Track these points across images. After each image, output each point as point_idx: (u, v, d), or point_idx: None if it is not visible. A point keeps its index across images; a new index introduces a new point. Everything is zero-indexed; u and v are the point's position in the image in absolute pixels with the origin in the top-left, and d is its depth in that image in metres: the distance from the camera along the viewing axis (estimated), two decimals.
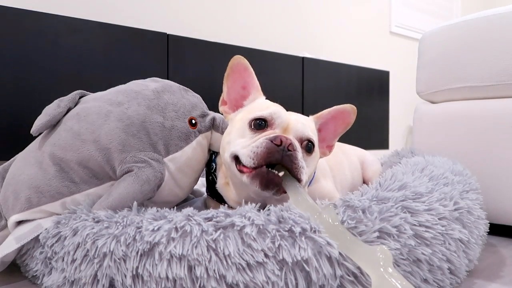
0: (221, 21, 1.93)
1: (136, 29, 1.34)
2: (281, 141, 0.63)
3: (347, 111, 0.77)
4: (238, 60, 0.73)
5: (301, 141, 0.69)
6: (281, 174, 0.64)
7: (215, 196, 0.80)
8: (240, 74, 0.75)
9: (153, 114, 0.75)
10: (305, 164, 0.66)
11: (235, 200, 0.74)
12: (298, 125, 0.70)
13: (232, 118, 0.76)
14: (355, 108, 0.77)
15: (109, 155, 0.70)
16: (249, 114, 0.71)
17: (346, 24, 2.59)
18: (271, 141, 0.63)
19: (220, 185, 0.77)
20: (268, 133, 0.67)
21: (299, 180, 0.64)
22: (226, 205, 0.76)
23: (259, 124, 0.68)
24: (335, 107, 0.77)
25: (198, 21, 1.84)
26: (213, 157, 0.82)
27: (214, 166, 0.81)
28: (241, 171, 0.65)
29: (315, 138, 0.72)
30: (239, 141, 0.68)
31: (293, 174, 0.64)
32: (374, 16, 2.79)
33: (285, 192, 0.64)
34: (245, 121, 0.70)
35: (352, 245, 0.53)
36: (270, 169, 0.64)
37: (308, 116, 0.79)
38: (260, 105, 0.74)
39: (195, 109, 0.81)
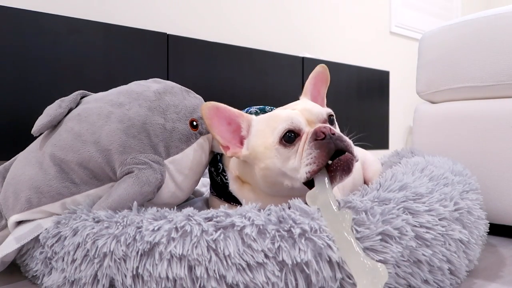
0: (221, 21, 1.93)
1: (136, 29, 1.34)
2: (323, 133, 0.64)
3: (320, 72, 0.82)
4: (207, 107, 0.71)
5: (326, 121, 0.71)
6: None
7: (223, 196, 0.80)
8: (217, 117, 0.73)
9: (154, 116, 0.75)
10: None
11: (254, 202, 0.73)
12: (314, 110, 0.70)
13: (247, 153, 0.72)
14: (324, 65, 0.81)
15: (110, 157, 0.70)
16: (268, 139, 0.69)
17: (346, 24, 2.59)
18: (316, 140, 0.64)
19: (234, 189, 0.77)
20: (305, 137, 0.66)
21: (354, 155, 0.65)
22: (227, 204, 0.76)
23: (289, 137, 0.67)
24: (309, 76, 0.82)
25: (198, 21, 1.84)
26: (219, 158, 0.82)
27: (221, 167, 0.80)
28: None
29: (331, 110, 0.74)
30: (290, 164, 0.66)
31: (349, 151, 0.65)
32: (374, 16, 2.79)
33: None
34: (273, 146, 0.68)
35: (349, 252, 0.53)
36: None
37: (298, 99, 0.81)
38: (267, 123, 0.71)
39: (197, 110, 0.81)
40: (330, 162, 0.64)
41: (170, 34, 1.42)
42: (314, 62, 1.91)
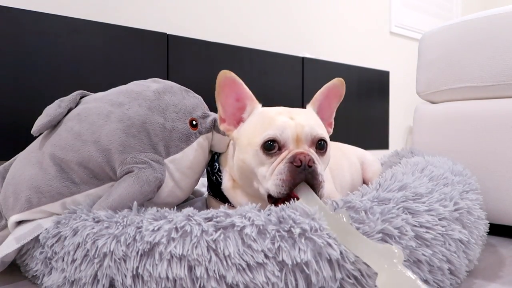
0: (221, 21, 1.93)
1: (136, 29, 1.34)
2: (301, 161, 0.64)
3: (336, 86, 0.79)
4: (225, 75, 0.71)
5: (313, 144, 0.70)
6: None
7: (218, 196, 0.81)
8: (230, 88, 0.73)
9: (154, 115, 0.75)
10: (323, 174, 0.67)
11: (241, 203, 0.74)
12: (306, 129, 0.69)
13: (236, 137, 0.74)
14: (342, 80, 0.79)
15: (110, 156, 0.70)
16: (255, 137, 0.69)
17: (346, 24, 2.59)
18: (291, 163, 0.64)
19: (226, 187, 0.77)
20: (285, 155, 0.67)
21: (318, 195, 0.65)
22: (227, 204, 0.76)
23: (270, 145, 0.67)
24: (324, 86, 0.79)
25: (198, 21, 1.84)
26: (215, 157, 0.82)
27: (217, 166, 0.81)
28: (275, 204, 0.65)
29: (325, 134, 0.73)
30: (261, 170, 0.68)
31: (315, 189, 0.65)
32: (374, 16, 2.79)
33: None
34: (255, 146, 0.68)
35: (357, 244, 0.53)
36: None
37: (305, 107, 0.80)
38: (262, 120, 0.71)
39: (196, 110, 0.81)
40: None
41: (170, 34, 1.42)
42: (314, 62, 1.91)
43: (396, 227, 0.59)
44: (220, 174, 0.79)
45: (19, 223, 0.72)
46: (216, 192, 0.80)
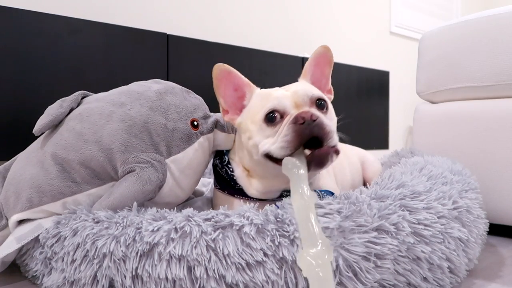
0: (221, 21, 1.93)
1: (136, 29, 1.34)
2: (303, 118, 0.65)
3: (322, 53, 0.80)
4: (219, 68, 0.74)
5: (313, 104, 0.71)
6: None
7: (226, 189, 0.81)
8: (227, 80, 0.76)
9: (156, 115, 0.75)
10: (332, 127, 0.67)
11: (257, 190, 0.76)
12: (301, 92, 0.71)
13: (240, 122, 0.76)
14: (326, 46, 0.80)
15: (111, 156, 0.70)
16: (256, 114, 0.72)
17: (346, 24, 2.58)
18: (295, 123, 0.65)
19: (240, 176, 0.78)
20: (287, 119, 0.68)
21: (332, 145, 0.66)
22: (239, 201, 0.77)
23: (273, 116, 0.69)
24: (311, 56, 0.80)
25: (198, 21, 1.84)
26: (225, 151, 0.84)
27: (227, 159, 0.82)
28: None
29: (322, 94, 0.74)
30: (266, 141, 0.69)
31: (326, 140, 0.65)
32: (374, 16, 2.79)
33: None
34: (258, 122, 0.71)
35: (308, 219, 0.54)
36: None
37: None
38: (261, 98, 0.74)
39: (197, 110, 0.82)
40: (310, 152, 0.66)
41: (170, 34, 1.42)
42: None
43: (392, 223, 0.59)
44: (230, 166, 0.80)
45: (20, 222, 0.72)
46: (225, 185, 0.81)
